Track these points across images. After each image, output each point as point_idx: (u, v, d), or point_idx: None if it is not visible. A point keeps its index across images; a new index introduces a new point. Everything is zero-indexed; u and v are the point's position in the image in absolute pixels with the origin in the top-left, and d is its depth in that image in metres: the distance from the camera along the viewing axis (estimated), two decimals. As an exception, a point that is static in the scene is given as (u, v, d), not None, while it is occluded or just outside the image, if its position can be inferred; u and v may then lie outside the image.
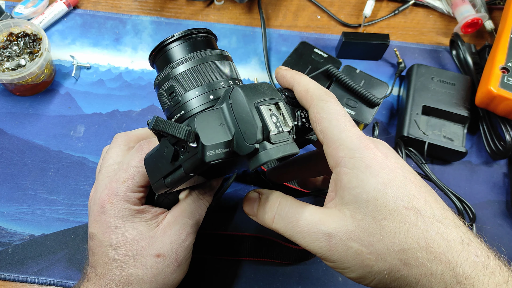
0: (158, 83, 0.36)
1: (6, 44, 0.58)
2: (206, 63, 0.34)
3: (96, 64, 0.65)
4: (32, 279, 0.50)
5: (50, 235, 0.53)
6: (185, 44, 0.35)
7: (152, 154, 0.35)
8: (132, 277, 0.37)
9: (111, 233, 0.37)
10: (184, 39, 0.35)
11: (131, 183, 0.37)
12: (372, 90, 0.59)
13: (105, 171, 0.40)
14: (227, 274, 0.51)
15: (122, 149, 0.41)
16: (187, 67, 0.34)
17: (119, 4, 0.70)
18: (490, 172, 0.59)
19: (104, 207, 0.37)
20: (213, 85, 0.34)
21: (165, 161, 0.33)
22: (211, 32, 0.37)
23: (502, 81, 0.55)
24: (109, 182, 0.38)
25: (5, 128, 0.59)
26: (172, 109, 0.35)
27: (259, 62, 0.66)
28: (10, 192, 0.55)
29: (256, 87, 0.31)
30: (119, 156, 0.40)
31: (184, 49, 0.35)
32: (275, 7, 0.72)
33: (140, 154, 0.38)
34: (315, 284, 0.51)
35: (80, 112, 0.61)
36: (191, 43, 0.36)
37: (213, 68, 0.35)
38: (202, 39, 0.36)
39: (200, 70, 0.34)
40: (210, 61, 0.35)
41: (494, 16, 0.71)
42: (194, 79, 0.34)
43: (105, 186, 0.38)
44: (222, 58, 0.35)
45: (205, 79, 0.34)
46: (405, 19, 0.71)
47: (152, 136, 0.43)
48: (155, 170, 0.34)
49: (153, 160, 0.35)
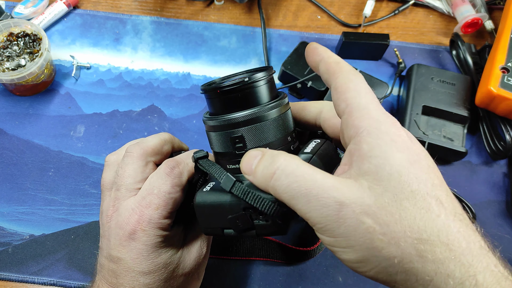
0: (226, 124, 0.33)
1: (6, 44, 0.58)
2: (284, 113, 0.33)
3: (96, 64, 0.65)
4: (32, 279, 0.50)
5: (50, 235, 0.53)
6: (267, 86, 0.33)
7: (210, 203, 0.33)
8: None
9: (142, 260, 0.36)
10: (266, 81, 0.33)
11: (165, 211, 0.36)
12: (372, 90, 0.59)
13: (126, 191, 0.38)
14: (227, 274, 0.51)
15: (140, 165, 0.38)
16: (274, 115, 0.32)
17: (119, 4, 0.70)
18: (490, 172, 0.59)
19: (135, 233, 0.36)
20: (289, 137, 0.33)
21: (231, 217, 0.31)
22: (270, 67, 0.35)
23: (502, 81, 0.55)
24: (137, 207, 0.36)
25: (5, 128, 0.59)
26: (233, 156, 0.33)
27: (259, 62, 0.66)
28: (10, 192, 0.55)
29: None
30: (138, 174, 0.38)
31: (267, 92, 0.33)
32: (275, 7, 0.72)
33: (172, 178, 0.37)
34: (315, 284, 0.51)
35: (80, 112, 0.61)
36: (269, 86, 0.34)
37: (285, 119, 0.33)
38: (272, 79, 0.35)
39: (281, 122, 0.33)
40: (285, 111, 0.34)
41: (494, 16, 0.71)
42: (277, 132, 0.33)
43: (132, 211, 0.37)
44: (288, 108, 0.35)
45: (281, 132, 0.33)
46: (405, 19, 0.71)
47: (169, 142, 0.42)
48: (214, 219, 0.33)
49: (212, 209, 0.33)
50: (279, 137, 0.33)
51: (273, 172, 0.28)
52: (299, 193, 0.27)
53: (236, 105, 0.32)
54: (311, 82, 0.60)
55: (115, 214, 0.38)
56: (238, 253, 0.51)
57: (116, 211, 0.38)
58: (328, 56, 0.31)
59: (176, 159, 0.39)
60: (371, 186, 0.26)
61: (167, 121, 0.61)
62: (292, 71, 0.61)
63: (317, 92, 0.60)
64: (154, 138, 0.41)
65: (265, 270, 0.52)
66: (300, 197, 0.27)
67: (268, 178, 0.28)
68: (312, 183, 0.27)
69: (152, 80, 0.64)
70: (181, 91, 0.63)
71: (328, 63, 0.31)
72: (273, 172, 0.28)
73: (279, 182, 0.28)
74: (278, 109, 0.33)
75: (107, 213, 0.38)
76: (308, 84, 0.60)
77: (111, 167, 0.41)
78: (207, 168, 0.34)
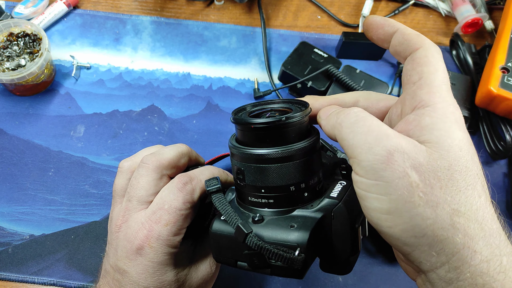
0: (249, 158, 0.32)
1: (6, 44, 0.58)
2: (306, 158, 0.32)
3: (96, 64, 0.65)
4: (32, 279, 0.50)
5: (50, 235, 0.53)
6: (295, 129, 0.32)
7: (227, 234, 0.32)
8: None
9: (148, 276, 0.36)
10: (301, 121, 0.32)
11: (175, 227, 0.36)
12: (372, 90, 0.59)
13: (138, 203, 0.37)
14: (227, 274, 0.51)
15: (154, 178, 0.38)
16: (296, 159, 0.31)
17: (119, 4, 0.70)
18: (490, 172, 0.59)
19: (143, 249, 0.35)
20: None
21: (247, 253, 0.31)
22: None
23: (502, 81, 0.55)
24: (147, 221, 0.36)
25: (5, 128, 0.59)
26: (240, 187, 0.33)
27: (259, 62, 0.66)
28: (10, 192, 0.55)
29: (353, 206, 0.31)
30: (152, 187, 0.37)
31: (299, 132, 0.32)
32: (275, 7, 0.72)
33: (184, 194, 0.36)
34: (315, 284, 0.51)
35: (80, 112, 0.61)
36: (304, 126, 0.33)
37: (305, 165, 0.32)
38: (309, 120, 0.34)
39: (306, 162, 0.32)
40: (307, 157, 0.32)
41: (494, 16, 0.71)
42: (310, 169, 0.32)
43: (142, 225, 0.36)
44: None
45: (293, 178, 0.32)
46: (405, 19, 0.71)
47: (186, 155, 0.41)
48: (229, 251, 0.32)
49: (228, 241, 0.32)
50: (308, 175, 0.32)
51: (347, 112, 0.29)
52: (361, 130, 0.27)
53: (266, 141, 0.32)
54: (311, 82, 0.60)
55: (124, 225, 0.37)
56: None
57: (125, 222, 0.37)
58: (405, 27, 0.31)
59: (190, 174, 0.38)
60: (429, 150, 0.26)
61: (167, 121, 0.61)
62: (292, 71, 0.61)
63: (317, 92, 0.60)
64: (172, 150, 0.40)
65: (265, 270, 0.52)
66: (360, 134, 0.27)
67: (340, 114, 0.29)
68: (377, 127, 0.27)
69: (152, 80, 0.64)
70: (181, 91, 0.63)
71: (407, 34, 0.31)
72: (347, 112, 0.29)
73: (348, 117, 0.28)
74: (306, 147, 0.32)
75: (116, 222, 0.38)
76: (308, 84, 0.60)
77: (124, 174, 0.41)
78: (219, 206, 0.33)
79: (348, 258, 0.31)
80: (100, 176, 0.56)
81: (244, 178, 0.32)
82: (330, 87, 0.60)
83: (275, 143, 0.31)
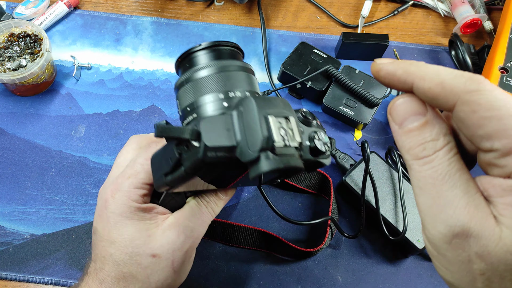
0: (178, 85, 0.37)
1: (7, 44, 0.58)
2: (226, 72, 0.35)
3: (97, 65, 0.65)
4: (33, 278, 0.51)
5: (51, 234, 0.53)
6: (210, 53, 0.36)
7: (158, 152, 0.36)
8: (126, 274, 0.37)
9: (110, 228, 0.37)
10: (211, 49, 0.36)
11: (135, 179, 0.37)
12: (371, 91, 0.59)
13: (115, 168, 0.40)
14: (227, 274, 0.51)
15: (134, 148, 0.41)
16: (207, 73, 0.35)
17: (120, 5, 0.70)
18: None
19: (107, 201, 0.37)
20: (229, 93, 0.34)
21: (169, 159, 0.33)
22: (239, 47, 0.38)
23: (501, 82, 0.55)
24: (116, 179, 0.38)
25: (6, 128, 0.59)
26: (186, 111, 0.35)
27: (259, 63, 0.67)
28: (11, 191, 0.55)
29: (269, 100, 0.32)
30: (130, 155, 0.41)
31: (209, 56, 0.36)
32: (274, 8, 0.72)
33: (147, 152, 0.38)
34: (314, 284, 0.51)
35: (81, 112, 0.61)
36: (217, 52, 0.36)
37: (232, 77, 0.35)
38: (228, 51, 0.37)
39: (219, 77, 0.35)
40: (230, 71, 0.35)
41: (493, 17, 0.71)
42: (212, 85, 0.35)
43: (111, 182, 0.39)
44: (243, 70, 0.36)
45: (223, 86, 0.34)
46: (404, 20, 0.72)
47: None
48: (159, 168, 0.35)
49: (158, 158, 0.35)
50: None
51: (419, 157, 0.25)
52: (427, 193, 0.24)
53: (186, 69, 0.36)
54: (310, 82, 0.60)
55: (101, 189, 0.40)
56: (239, 243, 0.52)
57: (103, 187, 0.40)
58: (420, 78, 0.24)
59: (157, 139, 0.40)
60: (503, 240, 0.22)
61: (167, 121, 0.61)
62: (292, 71, 0.61)
63: (316, 92, 0.60)
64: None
65: (265, 269, 0.52)
66: (425, 197, 0.24)
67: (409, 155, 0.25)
68: (446, 192, 0.24)
69: (153, 80, 0.64)
70: (181, 91, 0.64)
71: (427, 91, 0.24)
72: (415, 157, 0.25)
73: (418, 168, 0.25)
74: (214, 68, 0.35)
75: (99, 190, 0.41)
76: (307, 84, 0.60)
77: None
78: (162, 134, 0.33)
79: None
80: (101, 176, 0.57)
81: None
82: (330, 88, 0.60)
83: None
